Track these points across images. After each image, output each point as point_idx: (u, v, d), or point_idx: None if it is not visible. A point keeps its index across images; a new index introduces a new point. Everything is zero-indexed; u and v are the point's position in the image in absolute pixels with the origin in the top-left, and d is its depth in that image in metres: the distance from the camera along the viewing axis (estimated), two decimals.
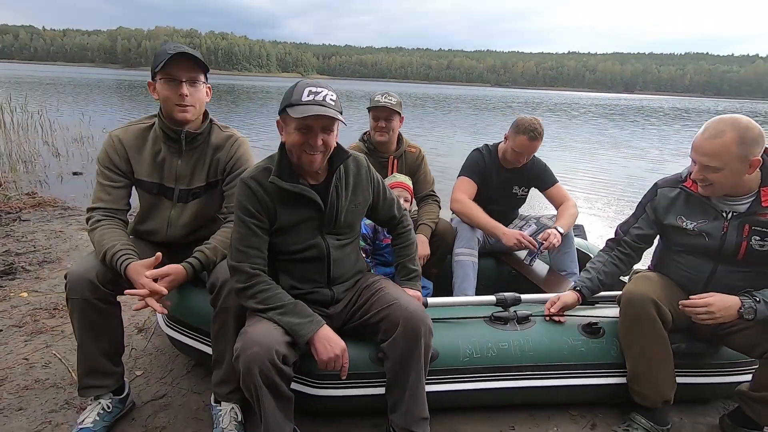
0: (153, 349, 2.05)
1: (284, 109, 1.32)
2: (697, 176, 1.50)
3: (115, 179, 1.60)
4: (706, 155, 1.43)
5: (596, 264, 1.79)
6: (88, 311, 1.47)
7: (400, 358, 1.37)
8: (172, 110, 1.54)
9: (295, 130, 1.31)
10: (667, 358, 1.59)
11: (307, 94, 1.29)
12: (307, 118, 1.27)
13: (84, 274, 1.45)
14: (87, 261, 1.51)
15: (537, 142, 2.28)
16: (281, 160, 1.39)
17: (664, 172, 8.50)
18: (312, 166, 1.35)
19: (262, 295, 1.35)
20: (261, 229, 1.38)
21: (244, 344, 1.22)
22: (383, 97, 2.28)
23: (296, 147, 1.33)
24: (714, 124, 1.44)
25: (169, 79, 1.51)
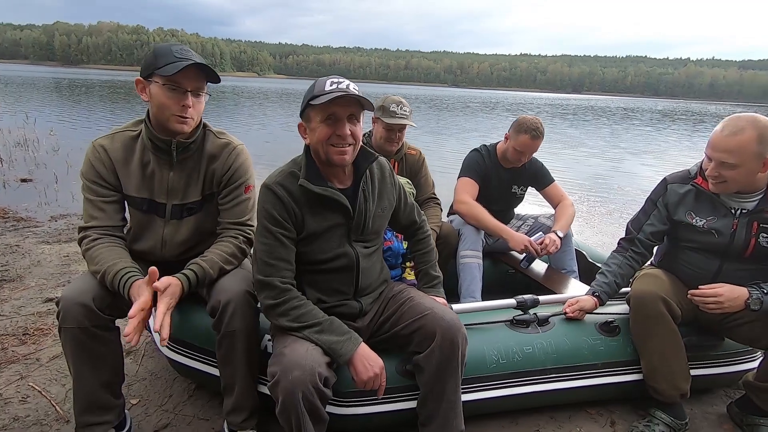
0: (146, 374, 1.88)
1: (307, 105, 1.25)
2: (712, 173, 1.52)
3: (106, 194, 1.43)
4: (725, 152, 1.46)
5: (612, 267, 1.80)
6: (85, 340, 1.30)
7: (437, 370, 1.32)
8: (169, 120, 1.37)
9: (321, 123, 1.24)
10: (681, 353, 1.63)
11: (329, 84, 1.24)
12: (333, 104, 1.20)
13: (79, 299, 1.28)
14: (81, 284, 1.34)
15: (538, 141, 2.29)
16: (308, 164, 1.30)
17: (624, 170, 8.97)
18: (343, 161, 1.27)
19: (296, 312, 1.25)
20: (289, 239, 1.29)
21: (284, 368, 1.12)
22: (399, 108, 2.15)
23: (323, 143, 1.25)
24: (733, 121, 1.46)
25: (173, 87, 1.34)
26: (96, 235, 1.40)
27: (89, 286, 1.33)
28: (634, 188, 7.11)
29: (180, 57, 1.32)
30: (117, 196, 1.45)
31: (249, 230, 1.52)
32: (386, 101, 2.16)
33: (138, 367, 1.91)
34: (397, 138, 2.20)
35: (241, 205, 1.52)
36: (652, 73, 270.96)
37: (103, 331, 1.33)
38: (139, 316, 1.22)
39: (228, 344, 1.36)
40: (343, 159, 1.27)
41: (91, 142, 1.44)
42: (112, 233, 1.43)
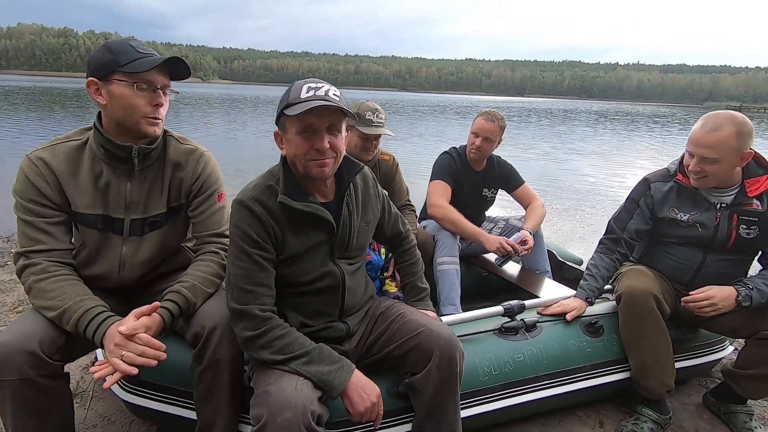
0: (97, 419, 1.64)
1: (281, 114, 1.11)
2: (694, 168, 1.56)
3: (50, 214, 1.21)
4: (707, 147, 1.50)
5: (599, 269, 1.80)
6: (28, 394, 1.08)
7: (435, 392, 1.22)
8: (139, 123, 1.21)
9: (297, 135, 1.10)
10: (669, 349, 1.64)
11: (306, 90, 1.10)
12: (309, 114, 1.06)
13: (21, 345, 1.07)
14: (23, 326, 1.12)
15: (492, 125, 2.27)
16: (286, 176, 1.16)
17: (571, 168, 9.39)
18: (323, 174, 1.14)
19: (280, 342, 1.11)
20: (268, 261, 1.15)
21: (272, 410, 0.98)
22: (375, 115, 2.04)
23: (300, 157, 1.12)
24: (712, 119, 1.52)
25: (145, 86, 1.20)
26: (45, 263, 1.18)
27: (34, 328, 1.11)
28: (584, 186, 7.45)
29: (144, 53, 1.19)
30: (63, 216, 1.24)
31: (227, 242, 1.35)
32: (361, 108, 2.05)
33: (86, 412, 1.67)
34: (373, 147, 2.11)
35: (216, 215, 1.38)
36: (586, 76, 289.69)
37: (50, 380, 1.12)
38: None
39: (211, 376, 1.19)
40: (323, 172, 1.14)
41: (26, 156, 1.22)
42: (62, 259, 1.22)
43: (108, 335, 1.10)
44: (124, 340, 1.08)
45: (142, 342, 1.09)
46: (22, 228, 1.20)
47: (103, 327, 1.11)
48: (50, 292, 1.15)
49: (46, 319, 1.14)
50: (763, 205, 1.59)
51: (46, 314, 1.14)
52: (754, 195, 1.59)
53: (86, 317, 1.11)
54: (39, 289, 1.16)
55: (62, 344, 1.14)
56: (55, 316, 1.13)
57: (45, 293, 1.15)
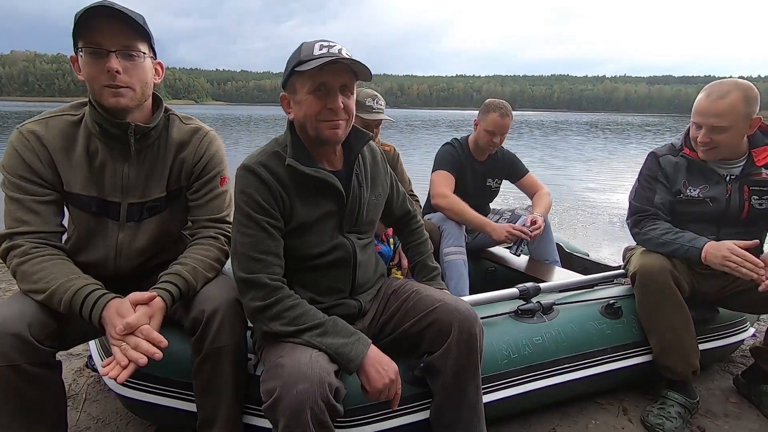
0: (91, 422, 1.53)
1: (292, 72, 1.05)
2: (703, 139, 1.51)
3: (40, 192, 1.12)
4: (716, 115, 1.46)
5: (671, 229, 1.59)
6: (17, 383, 0.98)
7: (455, 370, 1.14)
8: (101, 94, 1.09)
9: (310, 94, 1.04)
10: (690, 327, 1.57)
11: (318, 48, 1.04)
12: (323, 72, 1.01)
13: (9, 327, 0.97)
14: (11, 308, 1.02)
15: (507, 120, 2.23)
16: (294, 142, 1.10)
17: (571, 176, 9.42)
18: (335, 136, 1.08)
19: (291, 313, 1.03)
20: (276, 230, 1.08)
21: (286, 382, 0.89)
22: (375, 102, 2.00)
23: (312, 117, 1.06)
24: (717, 87, 1.48)
25: (94, 51, 1.06)
26: (30, 245, 1.08)
27: (24, 310, 1.02)
28: (582, 189, 7.45)
29: (86, 8, 1.03)
30: (54, 195, 1.15)
31: (229, 228, 1.28)
32: (360, 95, 1.99)
33: (79, 415, 1.56)
34: (374, 134, 2.06)
35: (217, 200, 1.28)
36: (575, 89, 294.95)
37: (41, 369, 1.02)
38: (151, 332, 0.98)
39: (212, 365, 1.10)
40: (336, 134, 1.08)
41: (17, 129, 1.13)
42: (50, 242, 1.12)
43: (108, 317, 1.01)
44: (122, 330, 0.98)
45: (143, 335, 0.99)
46: (8, 207, 1.11)
47: (99, 305, 1.02)
48: (35, 273, 1.06)
49: (35, 302, 1.05)
50: None
51: (35, 297, 1.05)
52: (762, 164, 1.55)
53: (80, 295, 1.03)
54: (23, 272, 1.07)
55: (53, 329, 1.05)
56: (45, 298, 1.04)
57: (30, 276, 1.06)
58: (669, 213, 1.67)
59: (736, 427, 1.57)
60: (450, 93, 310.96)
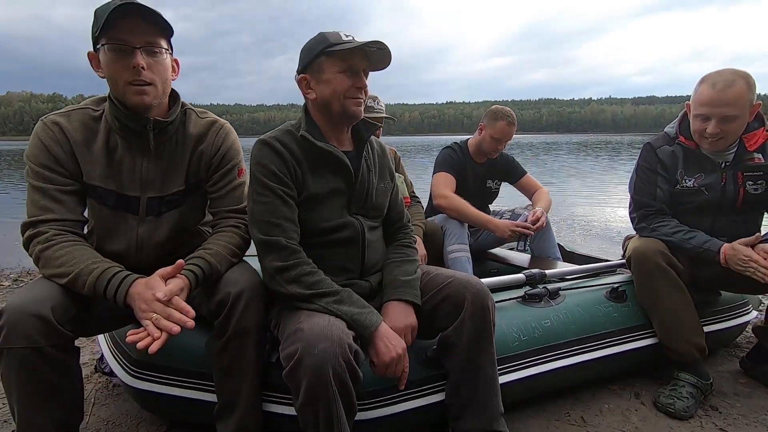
0: (101, 424, 1.50)
1: (321, 53, 1.13)
2: (714, 130, 1.49)
3: (63, 182, 1.14)
4: (727, 105, 1.45)
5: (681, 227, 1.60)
6: (37, 365, 0.99)
7: (470, 343, 1.16)
8: (125, 92, 1.11)
9: (339, 74, 1.13)
10: (690, 306, 1.59)
11: (343, 36, 1.14)
12: (354, 55, 1.11)
13: (32, 309, 0.98)
14: (35, 291, 1.03)
15: (514, 128, 2.32)
16: (308, 121, 1.17)
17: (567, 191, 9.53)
18: (359, 112, 1.17)
19: (310, 278, 1.06)
20: (291, 198, 1.12)
21: (307, 343, 0.91)
22: (375, 103, 2.08)
23: (341, 94, 1.14)
24: (720, 76, 1.47)
25: (117, 47, 1.08)
26: (53, 231, 1.10)
27: (47, 293, 1.03)
28: (575, 202, 7.54)
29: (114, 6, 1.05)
30: (76, 185, 1.17)
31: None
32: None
33: (89, 418, 1.53)
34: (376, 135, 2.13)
35: (237, 191, 1.31)
36: (562, 112, 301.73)
37: (61, 352, 1.03)
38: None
39: (237, 347, 1.11)
40: (359, 111, 1.19)
41: (41, 120, 1.17)
42: (73, 230, 1.14)
43: (134, 294, 1.02)
44: (152, 301, 1.00)
45: (174, 305, 1.01)
46: (31, 196, 1.14)
47: (125, 285, 1.04)
48: (59, 258, 1.07)
49: (58, 286, 1.07)
50: (765, 158, 1.58)
51: (59, 281, 1.07)
52: (753, 149, 1.57)
53: (105, 277, 1.04)
54: (47, 257, 1.08)
55: (75, 314, 1.06)
56: (69, 281, 1.05)
57: (53, 260, 1.08)
58: (669, 205, 1.68)
59: (748, 405, 1.57)
60: (441, 119, 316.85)
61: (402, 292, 1.19)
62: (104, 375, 1.73)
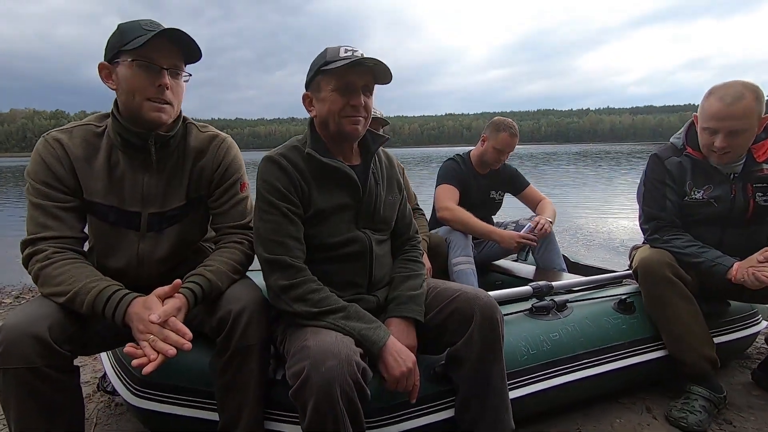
0: None
1: (318, 72, 1.13)
2: (722, 144, 1.47)
3: (62, 198, 1.14)
4: (736, 119, 1.43)
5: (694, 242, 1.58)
6: (36, 385, 0.97)
7: (479, 357, 1.14)
8: (141, 107, 1.12)
9: (334, 92, 1.12)
10: (699, 317, 1.57)
11: (343, 51, 1.13)
12: (349, 71, 1.09)
13: (29, 329, 0.96)
14: (32, 310, 1.02)
15: (516, 139, 2.33)
16: (314, 137, 1.17)
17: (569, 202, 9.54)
18: (356, 131, 1.15)
19: (316, 295, 1.05)
20: (297, 216, 1.12)
21: (314, 361, 0.90)
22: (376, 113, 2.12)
23: (335, 114, 1.12)
24: (729, 89, 1.46)
25: (146, 64, 1.10)
26: (53, 249, 1.09)
27: (44, 312, 1.02)
28: (577, 212, 7.54)
29: (149, 29, 1.09)
30: (76, 201, 1.17)
31: (252, 234, 1.29)
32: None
33: None
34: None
35: (240, 206, 1.30)
36: (561, 123, 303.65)
37: (59, 372, 1.01)
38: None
39: (239, 364, 1.09)
40: (356, 129, 1.15)
41: (42, 137, 1.17)
42: (72, 247, 1.13)
43: (132, 314, 1.01)
44: (148, 322, 0.99)
45: (171, 327, 1.00)
46: (31, 213, 1.13)
47: (123, 304, 1.02)
48: (58, 276, 1.06)
49: (56, 305, 1.06)
50: None
51: (57, 300, 1.05)
52: (762, 160, 1.56)
53: (103, 295, 1.03)
54: (46, 275, 1.08)
55: (73, 333, 1.05)
56: (67, 300, 1.04)
57: (52, 278, 1.07)
58: (679, 216, 1.65)
59: (763, 418, 1.54)
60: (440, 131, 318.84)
61: (404, 309, 1.18)
62: (107, 394, 1.70)
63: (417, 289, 1.23)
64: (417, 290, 1.23)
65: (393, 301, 1.21)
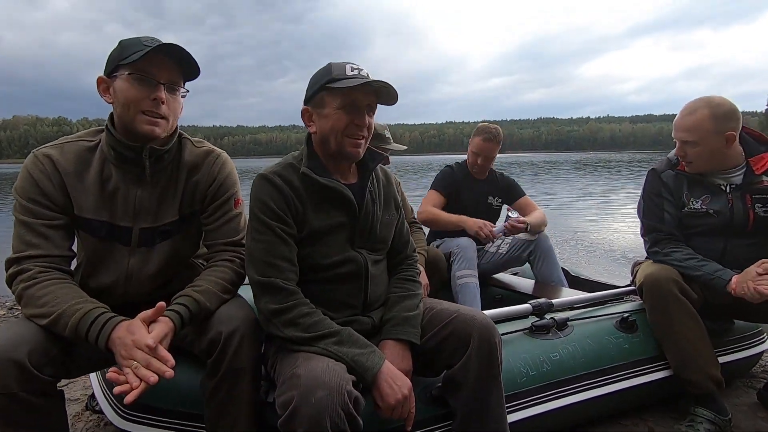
0: None
1: (323, 88, 1.10)
2: (678, 152, 1.61)
3: (50, 216, 1.11)
4: (684, 131, 1.55)
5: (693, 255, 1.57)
6: (12, 411, 0.94)
7: (477, 380, 1.10)
8: (135, 119, 1.10)
9: (339, 110, 1.09)
10: (705, 336, 1.54)
11: (350, 69, 1.11)
12: (355, 90, 1.07)
13: (6, 354, 0.93)
14: (11, 333, 0.99)
15: (491, 144, 2.36)
16: (310, 155, 1.14)
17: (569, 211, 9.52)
18: (356, 153, 1.13)
19: (307, 320, 1.02)
20: (290, 236, 1.09)
21: (304, 391, 0.86)
22: (386, 133, 2.11)
23: (338, 131, 1.10)
24: (690, 104, 1.57)
25: (141, 78, 1.09)
26: (38, 269, 1.06)
27: (24, 336, 0.98)
28: (578, 222, 7.50)
29: (149, 45, 1.08)
30: (64, 219, 1.14)
31: (244, 251, 1.25)
32: (377, 127, 2.01)
33: None
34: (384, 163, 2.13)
35: (232, 222, 1.27)
36: (561, 131, 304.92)
37: (39, 397, 0.98)
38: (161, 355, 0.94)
39: (230, 387, 1.05)
40: (357, 152, 1.14)
41: (32, 153, 1.15)
42: (58, 266, 1.10)
43: (115, 339, 0.98)
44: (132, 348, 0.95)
45: (153, 354, 0.96)
46: (17, 230, 1.10)
47: (107, 328, 0.99)
48: (41, 297, 1.03)
49: (38, 327, 1.02)
50: None
51: (39, 322, 1.02)
52: (761, 172, 1.57)
53: (87, 319, 1.00)
54: (29, 296, 1.04)
55: (55, 356, 1.01)
56: (50, 323, 1.00)
57: (36, 300, 1.03)
58: (678, 228, 1.65)
59: None
60: (441, 139, 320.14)
61: (400, 331, 1.14)
62: (95, 413, 1.66)
63: (413, 309, 1.20)
64: (413, 311, 1.19)
65: (388, 323, 1.18)
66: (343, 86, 1.07)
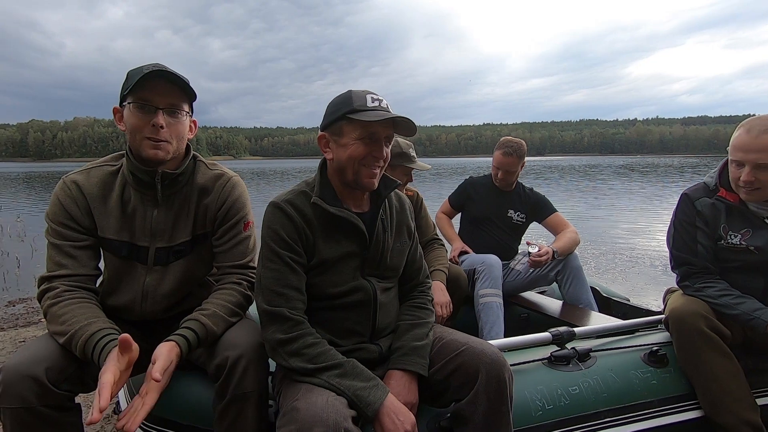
0: None
1: (343, 117, 1.10)
2: (747, 178, 1.41)
3: (77, 237, 1.21)
4: (760, 151, 1.37)
5: (731, 290, 1.48)
6: (31, 424, 1.01)
7: (485, 418, 1.07)
8: (140, 145, 1.18)
9: (358, 140, 1.10)
10: (739, 376, 1.43)
11: (371, 100, 1.11)
12: (378, 123, 1.08)
13: (26, 370, 1.01)
14: (32, 351, 1.07)
15: (511, 159, 2.34)
16: (323, 183, 1.15)
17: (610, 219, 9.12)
18: (371, 183, 1.14)
19: (312, 351, 1.03)
20: (300, 265, 1.10)
21: (301, 426, 0.87)
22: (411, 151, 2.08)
23: (355, 161, 1.11)
24: (758, 121, 1.41)
25: (141, 105, 1.16)
26: (64, 287, 1.15)
27: (43, 354, 1.06)
28: (619, 231, 7.16)
29: (147, 71, 1.14)
30: (90, 240, 1.23)
31: (252, 273, 1.30)
32: (402, 145, 2.01)
33: None
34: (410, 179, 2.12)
35: (241, 245, 1.32)
36: (605, 133, 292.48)
37: (56, 411, 1.04)
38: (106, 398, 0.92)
39: (236, 412, 1.08)
40: (372, 182, 1.14)
41: (62, 179, 1.24)
42: (84, 285, 1.19)
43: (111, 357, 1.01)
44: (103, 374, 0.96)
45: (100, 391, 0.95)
46: (49, 252, 1.20)
47: (107, 349, 1.04)
48: (62, 315, 1.11)
49: (58, 345, 1.10)
50: None
51: (59, 339, 1.10)
52: None
53: (92, 341, 1.05)
54: (53, 313, 1.13)
55: (72, 373, 1.08)
56: (65, 341, 1.08)
57: (57, 317, 1.11)
58: (713, 261, 1.55)
59: None
60: (478, 141, 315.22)
61: (407, 361, 1.13)
62: None
63: (422, 339, 1.18)
64: (422, 341, 1.18)
65: (396, 352, 1.17)
66: (364, 119, 1.07)
